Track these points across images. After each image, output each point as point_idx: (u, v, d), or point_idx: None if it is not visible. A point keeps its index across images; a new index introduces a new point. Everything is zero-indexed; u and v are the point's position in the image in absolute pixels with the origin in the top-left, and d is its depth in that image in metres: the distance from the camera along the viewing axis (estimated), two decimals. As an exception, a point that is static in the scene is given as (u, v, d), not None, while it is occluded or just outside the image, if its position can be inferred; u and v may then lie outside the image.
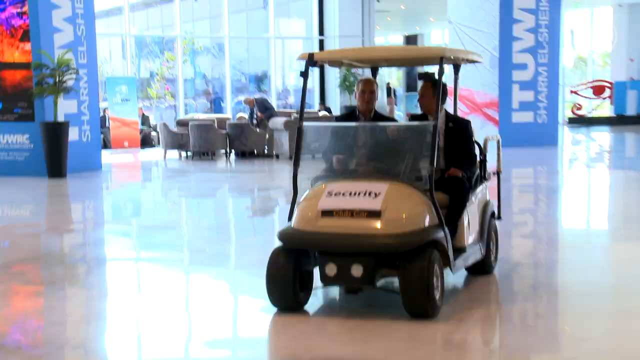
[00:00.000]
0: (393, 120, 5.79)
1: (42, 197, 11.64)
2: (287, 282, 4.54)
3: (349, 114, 5.66)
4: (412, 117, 5.85)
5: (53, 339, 4.56)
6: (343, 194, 4.59)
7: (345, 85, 23.09)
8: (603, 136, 22.22)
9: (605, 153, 17.76)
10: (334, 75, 23.64)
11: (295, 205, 4.83)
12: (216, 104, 24.75)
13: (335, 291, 5.11)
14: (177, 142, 16.85)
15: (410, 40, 36.75)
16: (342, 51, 6.02)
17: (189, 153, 16.84)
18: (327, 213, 4.54)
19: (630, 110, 27.20)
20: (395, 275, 4.54)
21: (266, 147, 16.55)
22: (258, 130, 16.59)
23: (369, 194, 4.54)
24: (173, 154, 17.22)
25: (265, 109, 17.16)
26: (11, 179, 13.09)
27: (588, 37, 31.29)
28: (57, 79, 13.01)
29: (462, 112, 16.95)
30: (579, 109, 27.70)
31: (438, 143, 4.79)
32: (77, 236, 8.35)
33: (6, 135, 13.56)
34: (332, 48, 23.55)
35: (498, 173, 5.74)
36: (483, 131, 14.63)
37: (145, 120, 20.51)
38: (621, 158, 16.55)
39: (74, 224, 9.41)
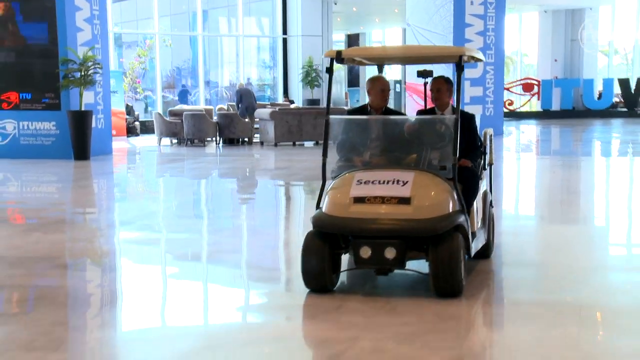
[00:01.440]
0: (403, 114, 5.95)
1: (73, 176, 13.14)
2: (323, 264, 4.79)
3: (361, 109, 5.87)
4: (420, 112, 6.08)
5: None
6: (372, 182, 4.84)
7: (307, 80, 25.28)
8: (533, 128, 25.09)
9: (537, 142, 20.47)
10: (296, 70, 25.78)
11: (324, 193, 5.07)
12: (182, 96, 26.47)
13: (357, 273, 5.37)
14: (171, 130, 18.69)
15: (352, 38, 39.14)
16: (367, 49, 6.61)
17: (181, 140, 18.72)
18: (359, 200, 4.79)
19: (555, 106, 30.35)
20: (421, 257, 4.89)
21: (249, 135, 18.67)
22: (246, 120, 18.60)
23: (397, 182, 4.81)
24: (165, 141, 19.05)
25: (239, 102, 19.37)
26: (40, 161, 14.69)
27: (516, 39, 34.38)
28: (83, 73, 14.72)
29: (420, 105, 19.33)
30: (510, 104, 30.65)
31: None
32: (123, 202, 10.26)
33: (34, 122, 15.18)
34: (295, 46, 25.75)
35: (490, 164, 5.99)
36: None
37: (129, 110, 22.14)
38: (549, 146, 19.26)
39: (115, 193, 11.28)
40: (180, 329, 4.52)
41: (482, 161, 5.86)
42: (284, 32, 26.25)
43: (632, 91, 30.19)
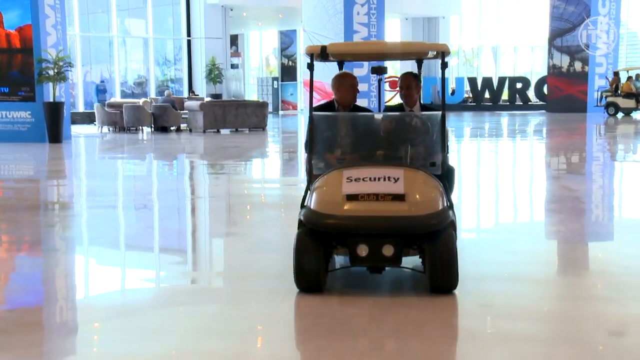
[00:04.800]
0: (370, 111, 5.97)
1: (63, 154, 16.04)
2: (317, 264, 4.64)
3: (327, 106, 5.72)
4: (388, 109, 6.03)
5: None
6: (363, 179, 4.69)
7: (211, 77, 28.70)
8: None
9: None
10: (200, 68, 29.12)
11: (311, 191, 4.89)
12: (98, 91, 29.08)
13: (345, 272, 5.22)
14: (111, 119, 21.69)
15: (232, 39, 42.72)
16: (353, 44, 6.99)
17: (118, 128, 21.77)
18: (351, 197, 4.62)
19: (417, 100, 35.40)
20: (415, 254, 4.79)
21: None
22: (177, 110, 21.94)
23: (389, 178, 4.67)
24: (105, 129, 22.01)
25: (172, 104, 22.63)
26: (19, 144, 17.41)
27: (381, 41, 39.20)
28: (56, 71, 17.58)
29: (316, 100, 23.33)
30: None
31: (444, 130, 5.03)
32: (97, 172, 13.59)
33: (12, 112, 17.88)
34: (199, 47, 29.08)
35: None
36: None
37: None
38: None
39: (90, 167, 14.53)
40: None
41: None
42: (188, 34, 29.51)
43: (479, 88, 35.95)
